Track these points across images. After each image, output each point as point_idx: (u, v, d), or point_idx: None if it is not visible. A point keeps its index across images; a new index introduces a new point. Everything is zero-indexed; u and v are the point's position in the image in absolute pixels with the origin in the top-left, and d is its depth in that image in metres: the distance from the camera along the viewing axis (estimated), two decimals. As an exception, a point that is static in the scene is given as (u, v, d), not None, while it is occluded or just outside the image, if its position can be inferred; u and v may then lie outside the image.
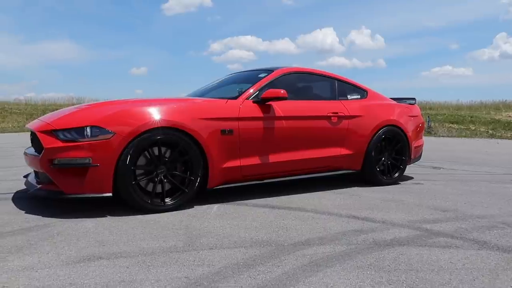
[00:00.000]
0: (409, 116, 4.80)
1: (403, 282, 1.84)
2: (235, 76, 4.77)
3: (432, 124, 19.69)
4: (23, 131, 17.16)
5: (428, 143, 11.47)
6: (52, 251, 2.21)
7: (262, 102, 3.66)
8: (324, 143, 4.06)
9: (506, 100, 28.04)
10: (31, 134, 3.50)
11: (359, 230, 2.70)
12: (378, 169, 4.43)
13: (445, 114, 23.44)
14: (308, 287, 1.78)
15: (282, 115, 3.75)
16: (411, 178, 5.10)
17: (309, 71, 4.35)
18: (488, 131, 19.12)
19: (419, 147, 5.03)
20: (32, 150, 3.36)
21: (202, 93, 4.50)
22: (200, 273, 1.92)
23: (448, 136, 16.82)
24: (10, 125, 20.46)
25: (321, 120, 4.02)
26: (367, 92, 4.67)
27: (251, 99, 3.68)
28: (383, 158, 4.49)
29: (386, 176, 4.51)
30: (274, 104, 3.71)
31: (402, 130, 4.59)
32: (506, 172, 5.86)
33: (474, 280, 1.88)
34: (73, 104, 28.24)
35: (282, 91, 3.60)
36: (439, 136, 16.94)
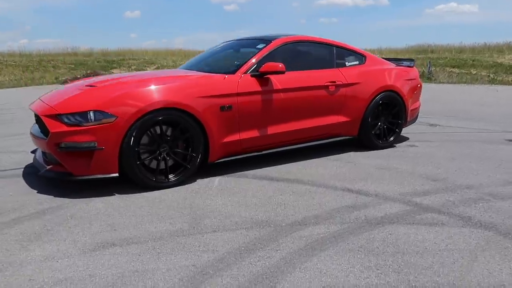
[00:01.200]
0: (406, 79, 4.82)
1: (389, 267, 2.04)
2: (232, 44, 4.72)
3: (433, 69, 19.44)
4: (20, 85, 17.07)
5: (427, 91, 11.47)
6: (69, 238, 2.40)
7: (260, 75, 3.69)
8: (322, 112, 4.14)
9: (510, 42, 27.42)
10: (35, 115, 3.58)
11: (353, 206, 2.88)
12: (374, 133, 4.55)
13: (447, 58, 23.07)
14: (304, 274, 1.97)
15: (280, 87, 3.79)
16: (407, 139, 5.23)
17: (307, 39, 4.31)
18: (489, 75, 18.95)
19: (416, 109, 5.10)
20: (37, 130, 3.45)
21: (199, 62, 4.50)
22: (206, 260, 2.12)
23: (449, 83, 16.71)
24: (7, 78, 20.22)
25: (318, 90, 4.06)
26: (365, 57, 4.66)
27: (250, 72, 3.70)
28: (379, 123, 4.59)
29: (382, 140, 4.63)
30: (272, 76, 3.74)
31: (399, 95, 4.64)
32: (500, 129, 5.97)
33: (454, 263, 2.07)
34: (68, 54, 27.63)
35: (280, 65, 3.62)
36: (439, 82, 16.82)
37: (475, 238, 2.37)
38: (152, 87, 3.23)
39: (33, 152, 3.96)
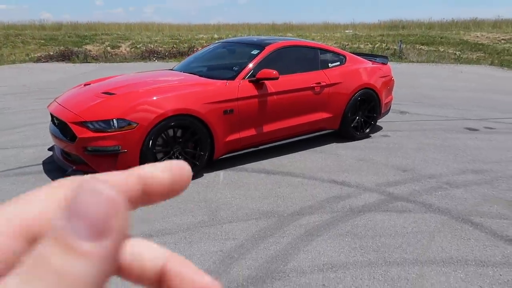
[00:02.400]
0: (380, 77, 5.45)
1: (370, 247, 2.70)
2: (226, 46, 5.18)
3: (404, 46, 20.27)
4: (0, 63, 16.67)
5: (398, 75, 12.22)
6: (112, 231, 2.92)
7: (256, 81, 4.21)
8: (308, 110, 4.72)
9: (476, 18, 28.61)
10: (52, 115, 3.97)
11: (339, 196, 3.53)
12: (352, 126, 5.19)
13: (417, 35, 23.93)
14: (307, 255, 2.61)
15: (274, 90, 4.33)
16: (381, 128, 5.91)
17: (295, 44, 4.84)
18: (455, 53, 20.00)
19: (389, 102, 5.77)
20: (56, 130, 3.86)
21: (196, 64, 4.95)
22: (229, 246, 2.71)
23: (418, 62, 17.58)
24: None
25: (306, 91, 4.63)
26: (345, 58, 5.23)
27: (247, 78, 4.21)
28: (357, 117, 5.23)
29: (359, 131, 5.29)
30: (267, 81, 4.27)
31: (374, 91, 5.27)
32: (460, 116, 6.75)
33: (417, 242, 2.76)
34: (36, 28, 26.64)
35: (274, 72, 4.14)
36: (410, 61, 17.67)
37: (434, 222, 3.06)
38: (166, 95, 3.70)
39: (50, 149, 4.37)
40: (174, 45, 21.52)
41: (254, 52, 4.50)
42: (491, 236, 2.88)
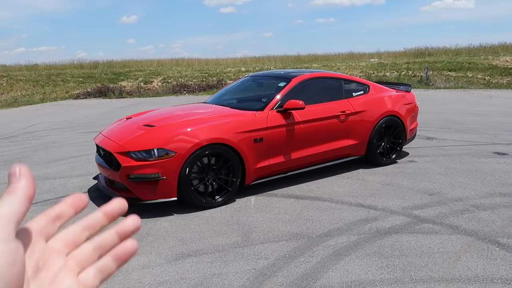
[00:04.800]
0: (404, 104, 5.61)
1: (396, 266, 2.82)
2: (254, 79, 5.53)
3: (431, 72, 20.26)
4: (35, 101, 17.84)
5: (425, 101, 12.27)
6: (153, 251, 3.18)
7: (284, 111, 4.48)
8: (334, 137, 4.93)
9: (505, 43, 28.26)
10: (98, 146, 4.36)
11: (365, 219, 3.67)
12: (378, 152, 5.34)
13: (444, 61, 23.84)
14: (336, 273, 2.76)
15: (300, 120, 4.58)
16: (407, 154, 6.01)
17: (320, 76, 5.12)
18: (485, 78, 19.79)
19: (414, 129, 5.90)
20: (101, 160, 4.23)
21: (228, 97, 5.31)
22: (262, 265, 2.90)
23: (445, 88, 17.51)
24: (19, 94, 21.07)
25: (331, 120, 4.86)
26: (369, 87, 5.46)
27: (275, 109, 4.50)
28: (383, 143, 5.38)
29: (385, 157, 5.42)
30: (294, 111, 4.53)
31: (399, 118, 5.43)
32: (488, 140, 6.75)
33: (444, 262, 2.86)
34: (75, 66, 28.32)
35: (300, 102, 4.41)
36: (437, 88, 17.62)
37: (460, 243, 3.15)
38: (201, 126, 4.03)
39: (95, 178, 4.75)
40: (203, 79, 22.38)
41: (281, 84, 4.81)
42: (518, 256, 2.93)
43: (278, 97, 4.59)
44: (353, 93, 5.26)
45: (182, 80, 22.20)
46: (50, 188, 4.84)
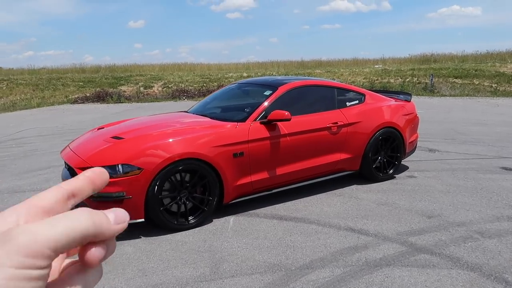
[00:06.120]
0: (403, 114, 5.18)
1: (385, 311, 2.38)
2: (240, 86, 5.13)
3: (436, 80, 19.76)
4: (32, 105, 17.59)
5: (429, 110, 11.81)
6: (107, 285, 2.77)
7: (268, 122, 4.07)
8: (325, 151, 4.50)
9: (512, 49, 27.69)
10: (65, 162, 3.97)
11: (354, 247, 3.23)
12: (374, 167, 4.90)
13: (449, 68, 23.34)
14: (312, 319, 2.33)
15: (287, 132, 4.17)
16: (407, 168, 5.57)
17: (310, 84, 4.70)
18: (492, 86, 19.25)
19: (414, 141, 5.45)
20: (67, 175, 3.85)
21: (210, 106, 4.91)
22: (227, 306, 2.48)
23: (451, 95, 17.02)
24: (18, 97, 20.86)
25: (322, 132, 4.43)
26: (364, 96, 5.03)
27: (259, 120, 4.09)
28: (379, 157, 4.94)
29: (382, 172, 4.98)
30: (279, 123, 4.12)
31: (397, 130, 5.00)
32: (495, 153, 6.29)
33: (441, 306, 2.42)
34: (76, 70, 28.18)
35: (286, 113, 4.00)
36: (442, 95, 17.13)
37: (461, 280, 2.71)
38: (173, 139, 3.62)
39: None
40: (204, 84, 22.07)
41: (267, 92, 4.40)
42: (530, 299, 2.49)
43: (262, 107, 4.18)
44: (347, 103, 4.83)
45: (183, 85, 21.90)
46: (16, 203, 4.44)
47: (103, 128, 4.43)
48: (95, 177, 0.37)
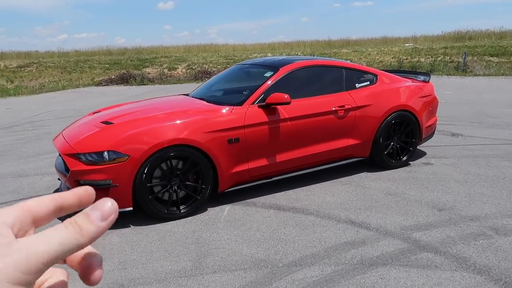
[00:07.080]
0: (420, 97, 4.78)
1: (371, 319, 2.14)
2: (242, 68, 4.87)
3: (470, 58, 18.65)
4: (58, 88, 17.93)
5: (458, 90, 11.12)
6: (84, 277, 2.65)
7: (267, 106, 3.81)
8: (330, 136, 4.21)
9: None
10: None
11: (351, 242, 2.98)
12: (387, 153, 4.56)
13: (485, 45, 21.95)
14: (289, 325, 2.12)
15: (287, 116, 3.90)
16: (424, 154, 5.19)
17: (315, 64, 4.37)
18: (531, 64, 17.97)
19: (432, 125, 5.05)
20: (60, 163, 3.74)
21: (209, 89, 4.69)
22: (202, 305, 2.31)
23: (485, 75, 16.00)
24: (47, 80, 21.33)
25: (326, 116, 4.13)
26: (377, 77, 4.66)
27: (257, 103, 3.83)
28: (392, 143, 4.60)
29: (395, 159, 4.64)
30: (279, 106, 3.86)
31: (412, 113, 4.62)
32: (526, 139, 5.77)
33: (437, 315, 2.15)
34: (103, 53, 28.52)
35: (285, 96, 3.72)
36: (475, 75, 16.14)
37: (465, 284, 2.42)
38: (162, 125, 3.44)
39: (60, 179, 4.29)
40: (228, 65, 21.80)
41: (267, 74, 4.12)
42: (543, 310, 2.18)
43: (260, 89, 3.92)
44: (357, 84, 4.49)
45: (206, 66, 21.73)
46: (17, 188, 4.45)
47: (99, 112, 4.31)
48: (85, 197, 0.39)
